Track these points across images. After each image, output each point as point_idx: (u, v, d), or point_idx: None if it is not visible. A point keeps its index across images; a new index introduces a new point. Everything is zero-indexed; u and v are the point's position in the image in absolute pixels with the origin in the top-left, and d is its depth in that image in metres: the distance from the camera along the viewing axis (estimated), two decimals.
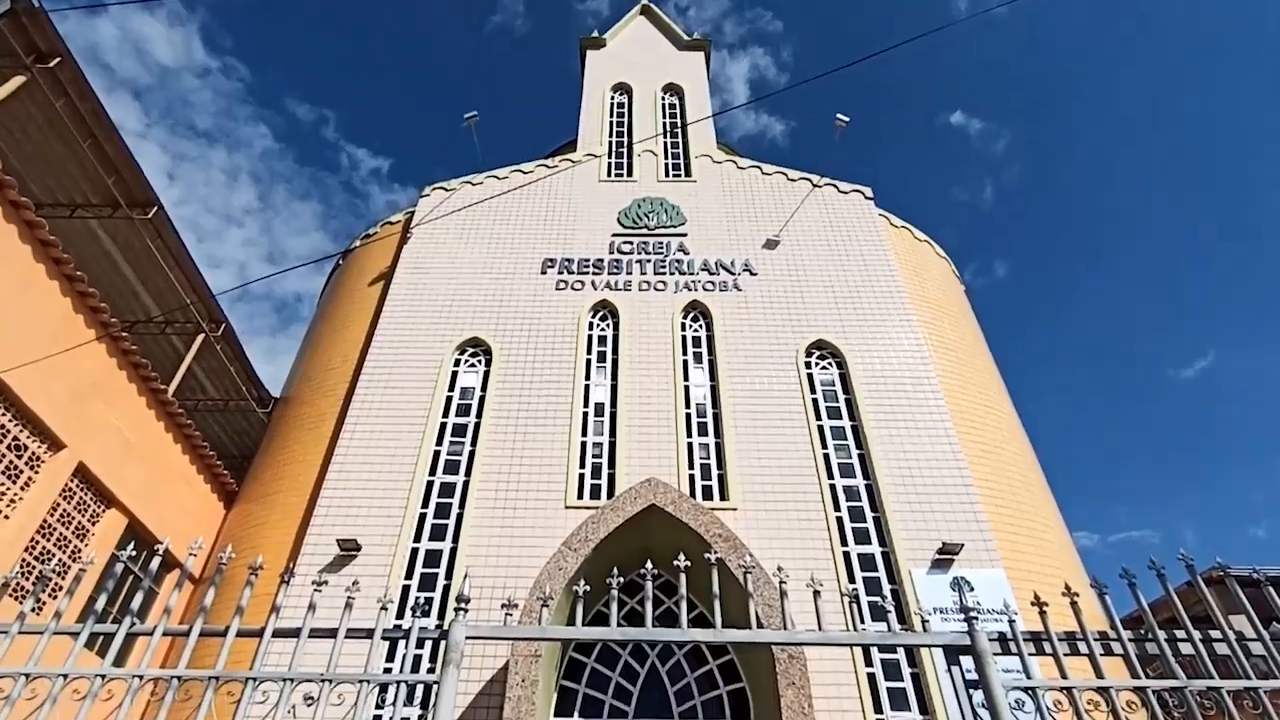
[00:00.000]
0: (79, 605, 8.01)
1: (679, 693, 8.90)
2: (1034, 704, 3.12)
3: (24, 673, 3.13)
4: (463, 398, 12.10)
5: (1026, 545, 10.37)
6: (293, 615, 3.46)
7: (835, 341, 12.71)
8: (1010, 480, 11.37)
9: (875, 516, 10.51)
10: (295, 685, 3.15)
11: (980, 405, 12.45)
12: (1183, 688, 3.12)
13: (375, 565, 9.71)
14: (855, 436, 11.50)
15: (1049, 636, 3.34)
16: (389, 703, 8.16)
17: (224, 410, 14.53)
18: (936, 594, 9.46)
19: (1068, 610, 3.40)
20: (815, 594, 3.64)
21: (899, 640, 3.62)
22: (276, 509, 11.07)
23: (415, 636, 3.43)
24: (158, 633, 3.31)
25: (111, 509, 9.80)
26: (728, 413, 11.66)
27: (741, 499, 10.54)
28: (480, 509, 10.46)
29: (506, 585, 8.99)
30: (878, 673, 8.97)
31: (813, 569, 9.43)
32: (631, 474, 10.60)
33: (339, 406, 12.12)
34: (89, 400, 9.44)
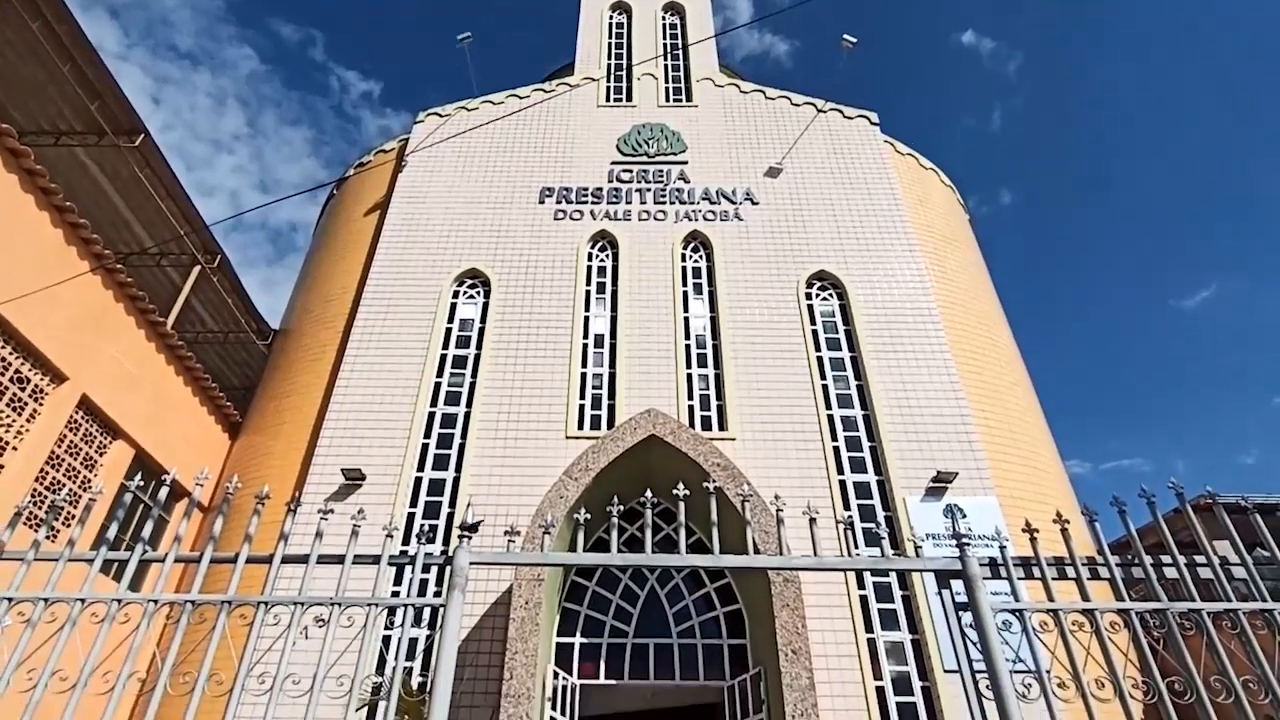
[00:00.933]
0: (91, 534, 8.21)
1: (677, 614, 9.23)
2: (1020, 625, 3.23)
3: (43, 597, 3.23)
4: (462, 329, 12.09)
5: (1020, 474, 10.56)
6: (300, 543, 3.55)
7: (836, 272, 12.61)
8: (1006, 410, 11.48)
9: (872, 446, 10.66)
10: (306, 608, 3.25)
11: (980, 336, 12.45)
12: (1164, 609, 3.22)
13: (380, 494, 9.91)
14: (854, 368, 11.55)
15: (1038, 562, 3.43)
16: (397, 624, 8.46)
17: (224, 343, 14.54)
18: (930, 521, 9.69)
19: (1058, 537, 3.48)
20: (811, 521, 3.72)
21: (892, 565, 3.72)
22: (281, 439, 11.22)
23: (421, 562, 3.52)
24: (169, 559, 3.40)
25: (118, 440, 9.93)
26: (727, 344, 11.68)
27: (740, 429, 10.66)
28: (482, 439, 10.60)
29: (509, 513, 9.19)
30: (870, 595, 9.28)
31: (809, 497, 9.63)
32: (631, 405, 10.70)
33: (339, 338, 12.12)
34: (88, 333, 9.43)
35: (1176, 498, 3.52)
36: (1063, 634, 3.19)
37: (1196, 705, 2.99)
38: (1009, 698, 3.04)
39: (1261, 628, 3.19)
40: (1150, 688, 3.02)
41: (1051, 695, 3.04)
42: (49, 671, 2.99)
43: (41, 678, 2.97)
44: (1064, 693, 3.06)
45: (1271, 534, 3.40)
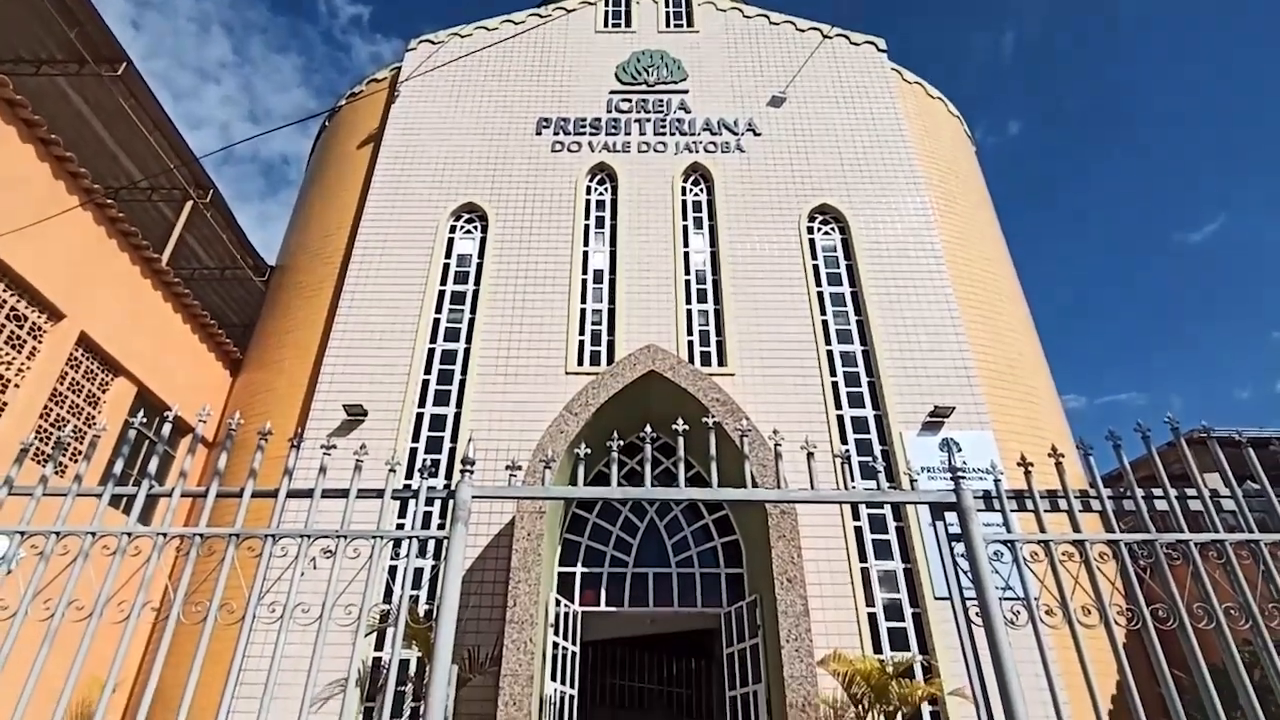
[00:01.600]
0: (97, 469, 8.33)
1: (676, 545, 9.47)
2: (1011, 555, 3.30)
3: (54, 531, 3.29)
4: (460, 265, 11.99)
5: (1016, 408, 10.65)
6: (304, 478, 3.60)
7: (839, 206, 12.41)
8: (1005, 345, 11.49)
9: (870, 381, 10.72)
10: (312, 541, 3.31)
11: (982, 270, 12.35)
12: (1153, 540, 3.29)
13: (382, 429, 10.02)
14: (854, 303, 11.50)
15: (1031, 494, 3.48)
16: (402, 555, 8.69)
17: (221, 279, 14.42)
18: (926, 455, 9.83)
19: (1053, 470, 3.53)
20: (809, 455, 3.76)
21: (887, 498, 3.79)
22: (282, 376, 11.28)
23: (424, 496, 3.57)
24: (176, 494, 3.45)
25: (120, 377, 9.97)
26: (727, 279, 11.60)
27: (739, 365, 10.70)
28: (482, 375, 10.65)
29: (510, 448, 9.31)
30: (864, 527, 9.50)
31: (808, 432, 9.72)
32: (631, 341, 10.70)
33: (336, 274, 12.03)
34: (83, 270, 9.34)
35: (1171, 432, 3.55)
36: (1052, 564, 3.27)
37: (1178, 631, 3.09)
38: (997, 624, 3.14)
39: (1246, 558, 3.26)
40: (1135, 614, 3.11)
41: (1039, 621, 3.14)
42: (65, 601, 3.08)
43: (58, 608, 3.05)
44: (1051, 619, 3.16)
45: (1264, 467, 3.45)
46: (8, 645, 2.95)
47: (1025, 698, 3.02)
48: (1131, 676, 3.01)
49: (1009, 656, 3.07)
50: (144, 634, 8.98)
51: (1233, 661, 3.02)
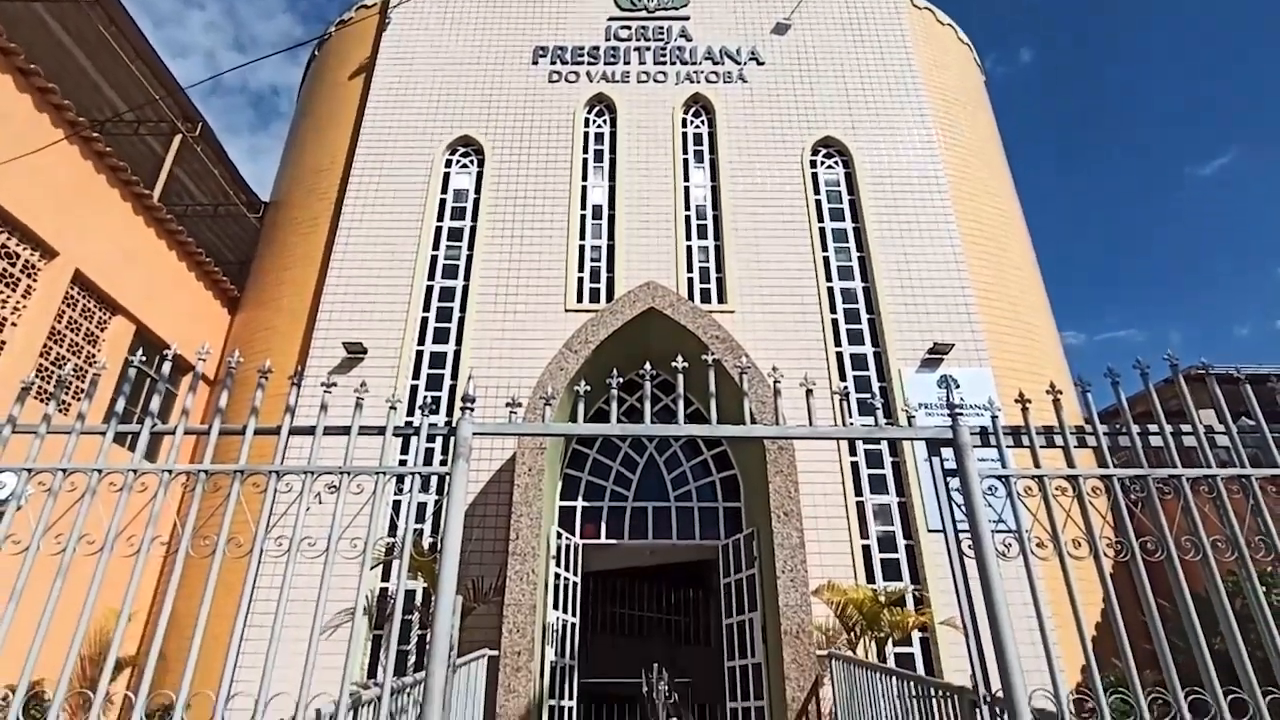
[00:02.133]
0: (99, 407, 8.38)
1: (675, 480, 9.62)
2: (1005, 490, 3.35)
3: (61, 468, 3.33)
4: (456, 200, 11.80)
5: (1016, 345, 10.66)
6: (306, 415, 3.61)
7: (843, 139, 12.13)
8: (1007, 281, 11.42)
9: (870, 318, 10.69)
10: (316, 477, 3.36)
11: (986, 205, 12.16)
12: (1145, 475, 3.33)
13: (382, 367, 10.05)
14: (856, 239, 11.37)
15: (1028, 431, 3.51)
16: (405, 491, 8.84)
17: (214, 216, 14.20)
18: (924, 391, 9.89)
19: (1050, 407, 3.54)
20: (808, 392, 3.77)
21: (885, 434, 3.82)
22: (280, 314, 11.24)
23: (425, 433, 3.60)
24: (179, 431, 3.47)
25: (118, 315, 9.93)
26: (728, 215, 11.43)
27: (739, 302, 10.65)
28: (481, 312, 10.61)
29: (510, 385, 9.36)
30: (861, 462, 9.64)
31: (806, 369, 9.73)
32: (630, 277, 10.62)
33: (332, 210, 11.85)
34: (73, 206, 9.19)
35: (1170, 368, 3.55)
36: (1045, 498, 3.32)
37: (1165, 563, 3.17)
38: (989, 556, 3.21)
39: (1237, 492, 3.32)
40: (1124, 547, 3.18)
41: (1029, 554, 3.21)
42: (76, 536, 3.14)
43: (69, 542, 3.12)
44: (1042, 551, 3.23)
45: (1261, 404, 3.46)
46: (23, 577, 3.02)
47: (1013, 626, 3.12)
48: (1117, 604, 3.10)
49: (999, 587, 3.15)
50: (155, 567, 9.22)
51: (1216, 591, 3.11)
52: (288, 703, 3.02)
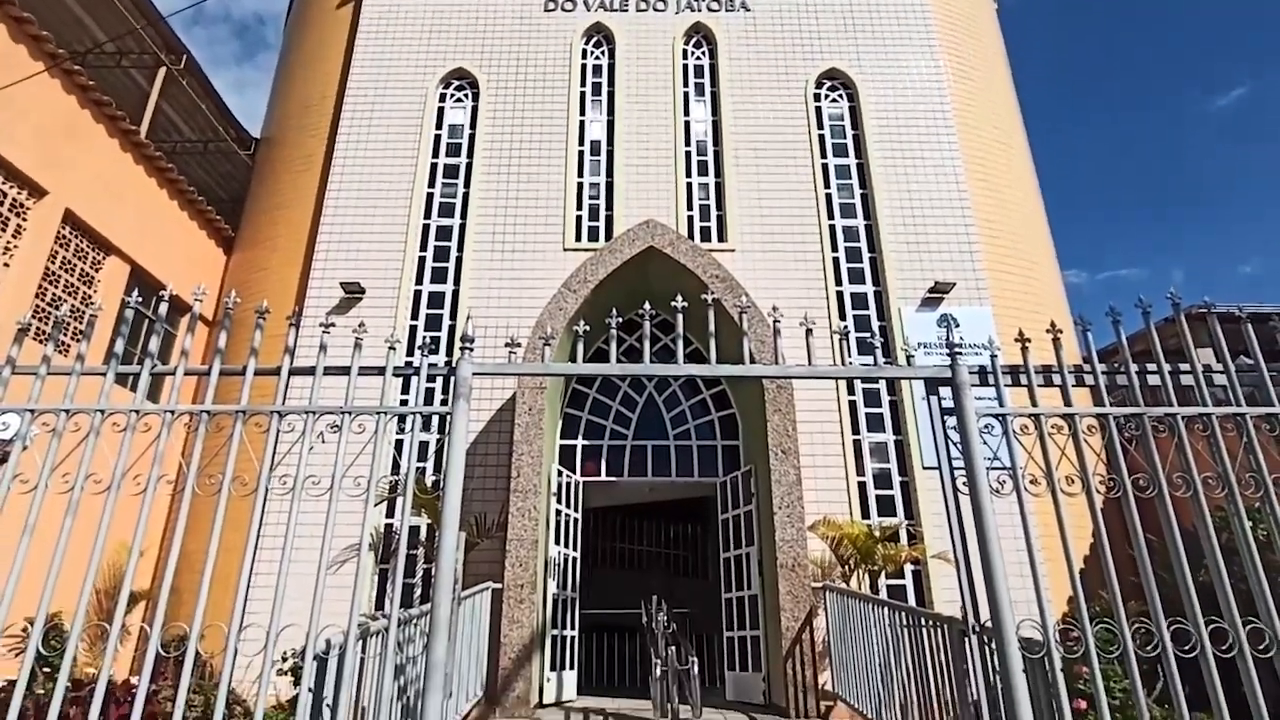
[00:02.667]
0: (98, 349, 8.35)
1: (674, 419, 9.71)
2: (1002, 429, 3.39)
3: (64, 409, 3.35)
4: (452, 136, 11.53)
5: (1017, 284, 10.59)
6: (305, 356, 3.61)
7: (848, 70, 11.78)
8: (1010, 219, 11.26)
9: (872, 257, 10.60)
10: (318, 417, 3.38)
11: (992, 140, 11.89)
12: (1141, 414, 3.36)
13: (380, 307, 10.01)
14: (860, 175, 11.17)
15: (1026, 369, 3.52)
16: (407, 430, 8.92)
17: (204, 153, 13.90)
18: (923, 330, 9.88)
19: (1050, 346, 3.54)
20: (808, 332, 3.77)
21: (883, 374, 3.84)
22: (276, 254, 11.12)
23: (425, 373, 3.62)
24: (179, 372, 3.48)
25: (112, 256, 9.83)
26: (729, 150, 11.20)
27: (740, 240, 10.54)
28: (478, 252, 10.51)
29: (509, 325, 9.34)
30: (859, 400, 9.70)
31: (806, 308, 9.69)
32: (629, 215, 10.47)
33: (325, 146, 11.58)
34: (59, 143, 8.98)
35: (1172, 307, 3.54)
36: (1041, 436, 3.36)
37: (1156, 499, 3.22)
38: (983, 492, 3.27)
39: (1231, 430, 3.35)
40: (1116, 484, 3.23)
41: (1023, 490, 3.26)
42: (83, 475, 3.18)
43: (77, 480, 3.16)
44: (1035, 488, 3.28)
45: (1263, 343, 3.46)
46: (34, 514, 3.08)
47: (1003, 560, 3.20)
48: (1106, 539, 3.17)
49: (992, 523, 3.22)
50: (163, 505, 9.37)
51: (1204, 525, 3.17)
52: (298, 634, 3.11)
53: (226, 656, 2.92)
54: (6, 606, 2.97)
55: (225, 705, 2.93)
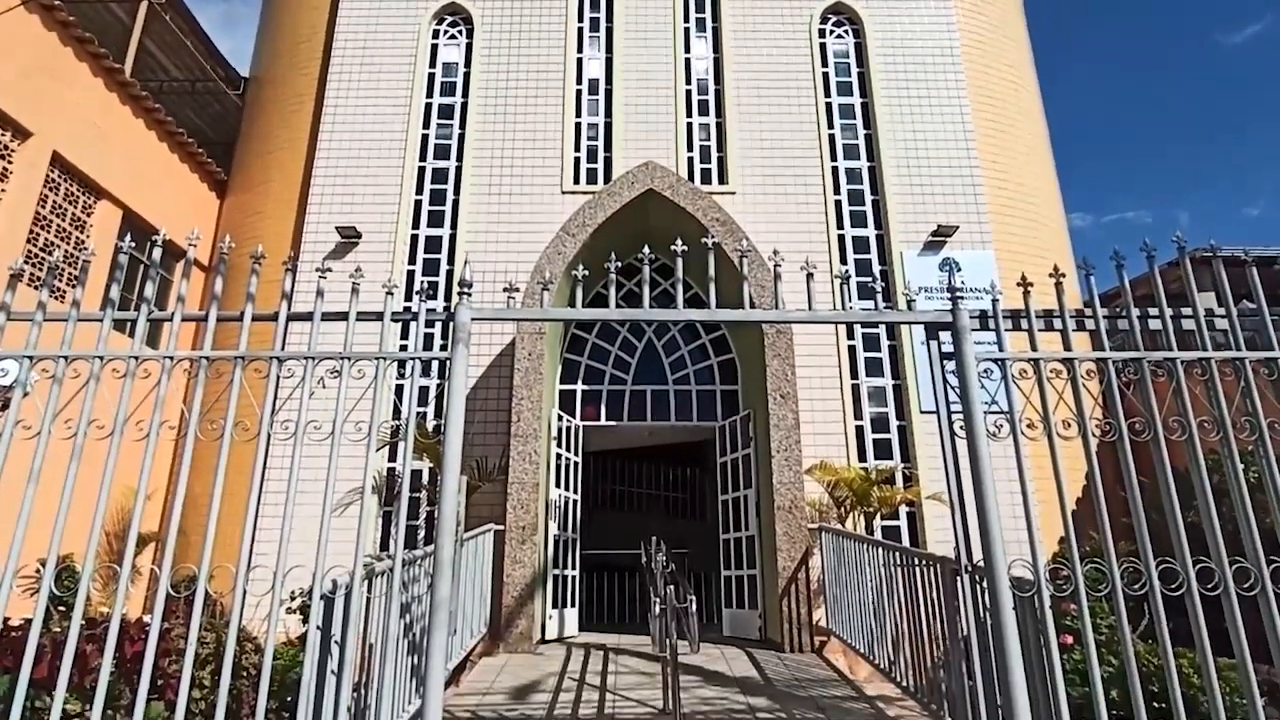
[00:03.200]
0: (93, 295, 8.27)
1: (673, 363, 9.74)
2: (1001, 373, 3.39)
3: (63, 355, 3.34)
4: (446, 75, 11.21)
5: (1021, 228, 10.48)
6: (302, 302, 3.59)
7: (855, 5, 11.38)
8: (1016, 161, 11.06)
9: (874, 199, 10.45)
10: (317, 362, 3.38)
11: (1000, 79, 11.58)
12: (1140, 358, 3.36)
13: (377, 252, 9.91)
14: (864, 115, 10.91)
15: (1027, 314, 3.51)
16: (407, 375, 8.93)
17: (192, 93, 13.53)
18: (925, 275, 9.82)
19: (1052, 291, 3.52)
20: (809, 276, 3.74)
21: (884, 318, 3.82)
22: (270, 198, 10.95)
23: (424, 319, 3.60)
24: (177, 318, 3.46)
25: (103, 200, 9.68)
26: (730, 89, 10.91)
27: (741, 182, 10.37)
28: (475, 195, 10.35)
29: (507, 270, 9.26)
30: (858, 345, 9.71)
31: (807, 252, 9.61)
32: (629, 157, 10.28)
33: (316, 86, 11.28)
34: (41, 84, 8.74)
35: (1177, 250, 3.50)
36: (1040, 381, 3.37)
37: (1151, 442, 3.25)
38: (980, 436, 3.29)
39: (1229, 374, 3.36)
40: (1112, 427, 3.25)
41: (1019, 434, 3.29)
42: (85, 420, 3.20)
43: (79, 426, 3.18)
44: (1031, 432, 3.31)
45: (1268, 286, 3.44)
46: (39, 459, 3.11)
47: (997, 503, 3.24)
48: (1100, 481, 3.22)
49: (987, 466, 3.25)
50: (167, 450, 9.46)
51: (1197, 467, 3.21)
52: (304, 575, 3.19)
53: (236, 596, 3.00)
54: (18, 548, 3.02)
55: (236, 642, 3.02)
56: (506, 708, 5.44)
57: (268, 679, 2.96)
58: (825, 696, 5.77)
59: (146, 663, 2.89)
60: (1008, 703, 3.00)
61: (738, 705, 5.49)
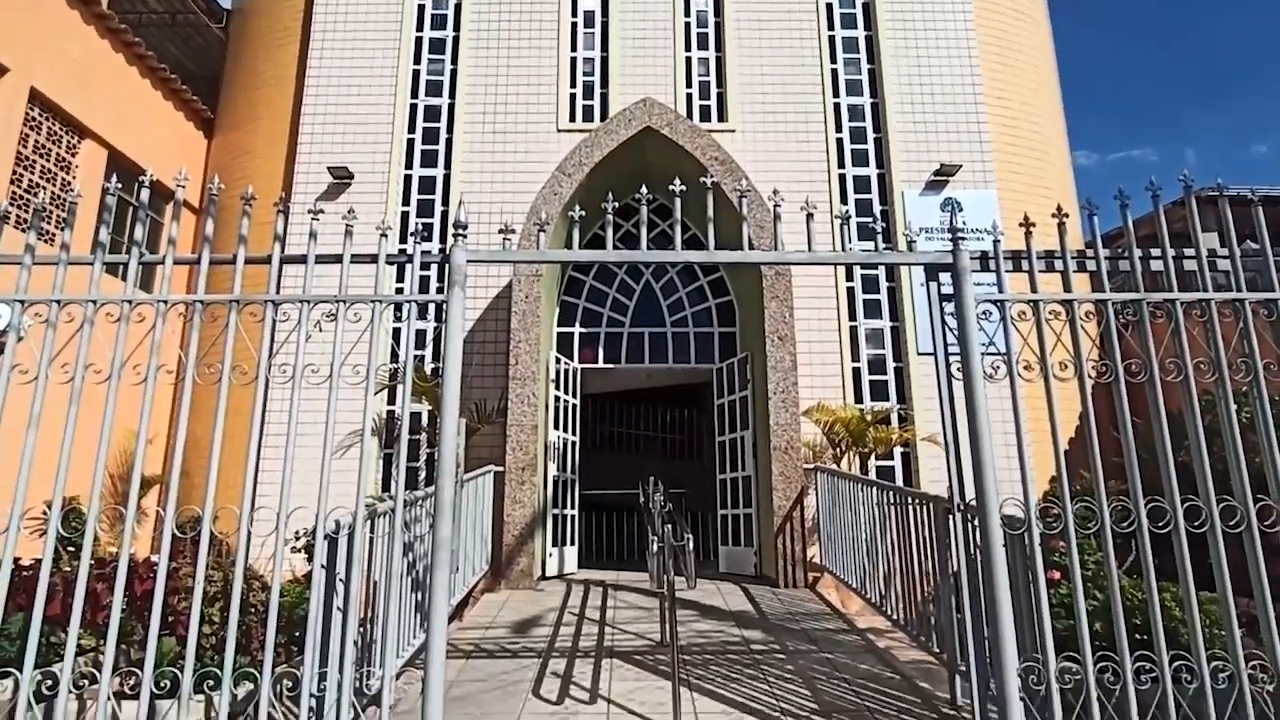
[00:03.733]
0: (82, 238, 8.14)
1: (671, 305, 9.70)
2: (1000, 315, 3.38)
3: (56, 299, 3.31)
4: (436, 6, 10.79)
5: (1025, 167, 10.29)
6: (295, 245, 3.54)
7: None
8: (1022, 98, 10.78)
9: (877, 137, 10.23)
10: (313, 306, 3.36)
11: (1011, 10, 11.18)
12: (1140, 299, 3.35)
13: (370, 193, 9.74)
14: (868, 49, 10.58)
15: (1029, 255, 3.48)
16: (404, 319, 8.89)
17: (173, 25, 13.04)
18: (926, 215, 9.69)
19: (1054, 231, 3.47)
20: (809, 216, 3.69)
21: (884, 259, 3.79)
22: (259, 137, 10.69)
23: (419, 261, 3.56)
24: (169, 261, 3.42)
25: (86, 139, 9.44)
26: (730, 22, 10.55)
27: (740, 120, 10.13)
28: (469, 134, 10.11)
29: (503, 210, 9.13)
30: (857, 287, 9.66)
31: (808, 191, 9.44)
32: (626, 94, 10.01)
33: (301, 18, 10.87)
34: (14, 17, 8.40)
35: (1184, 190, 3.45)
36: (1038, 322, 3.36)
37: (1146, 384, 3.27)
38: (976, 377, 3.31)
39: (1229, 316, 3.35)
40: (1109, 369, 3.26)
41: (1016, 376, 3.30)
42: (82, 364, 3.19)
43: (76, 370, 3.17)
44: (1028, 373, 3.32)
45: (1274, 226, 3.40)
46: (38, 403, 3.12)
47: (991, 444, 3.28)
48: (1094, 422, 3.24)
49: (983, 407, 3.27)
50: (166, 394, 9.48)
51: (1190, 408, 3.23)
52: (307, 515, 3.24)
53: (240, 536, 3.05)
54: (23, 490, 3.06)
55: (243, 580, 3.09)
56: (509, 640, 5.61)
57: (275, 615, 3.04)
58: (818, 629, 5.96)
59: (157, 600, 2.97)
60: (994, 634, 3.09)
61: (733, 637, 5.67)
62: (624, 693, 4.30)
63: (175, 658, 3.46)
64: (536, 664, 4.92)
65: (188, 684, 2.88)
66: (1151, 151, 52.81)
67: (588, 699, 4.23)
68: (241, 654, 3.47)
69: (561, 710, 4.06)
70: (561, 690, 4.38)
